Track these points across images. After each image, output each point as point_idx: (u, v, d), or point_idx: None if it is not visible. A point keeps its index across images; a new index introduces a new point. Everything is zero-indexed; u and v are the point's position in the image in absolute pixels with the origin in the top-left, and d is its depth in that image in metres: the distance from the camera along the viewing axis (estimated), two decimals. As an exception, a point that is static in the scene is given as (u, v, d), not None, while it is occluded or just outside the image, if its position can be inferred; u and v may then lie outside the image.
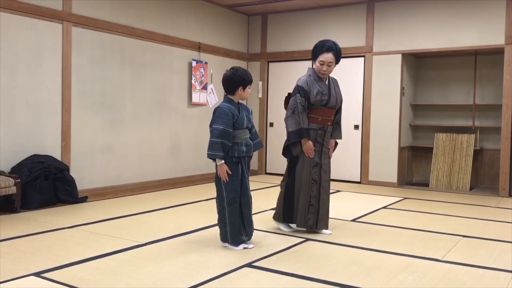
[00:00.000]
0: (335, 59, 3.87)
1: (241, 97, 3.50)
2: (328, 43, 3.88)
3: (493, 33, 6.36)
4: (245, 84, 3.46)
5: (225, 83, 3.49)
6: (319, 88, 3.88)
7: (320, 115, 3.93)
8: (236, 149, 3.41)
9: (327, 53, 3.84)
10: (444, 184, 7.08)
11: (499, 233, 4.14)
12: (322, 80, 3.95)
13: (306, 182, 3.91)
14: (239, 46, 8.15)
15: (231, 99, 3.49)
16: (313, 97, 3.86)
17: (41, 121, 5.18)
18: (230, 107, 3.43)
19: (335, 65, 3.91)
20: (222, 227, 3.51)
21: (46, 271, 2.90)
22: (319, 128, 3.94)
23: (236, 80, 3.43)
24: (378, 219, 4.65)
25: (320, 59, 3.85)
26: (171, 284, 2.72)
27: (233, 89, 3.46)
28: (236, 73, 3.45)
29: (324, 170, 3.96)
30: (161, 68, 6.61)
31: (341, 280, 2.84)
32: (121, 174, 6.10)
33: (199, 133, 7.22)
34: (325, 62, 3.84)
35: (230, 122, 3.37)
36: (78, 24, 5.48)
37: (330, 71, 3.90)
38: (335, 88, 4.02)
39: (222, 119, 3.37)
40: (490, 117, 7.10)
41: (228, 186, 3.42)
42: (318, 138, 3.94)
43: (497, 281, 2.89)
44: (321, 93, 3.87)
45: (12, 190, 4.50)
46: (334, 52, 3.86)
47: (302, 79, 3.93)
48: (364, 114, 7.28)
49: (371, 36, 7.18)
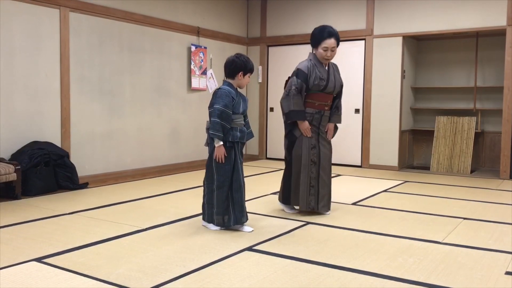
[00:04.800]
0: (336, 43, 3.94)
1: (239, 83, 3.55)
2: (328, 29, 3.95)
3: (495, 15, 6.29)
4: (246, 70, 3.52)
5: (227, 66, 3.55)
6: (319, 73, 3.92)
7: (317, 99, 3.97)
8: (231, 134, 3.45)
9: (329, 39, 3.89)
10: (445, 167, 7.08)
11: (499, 215, 4.15)
12: (323, 65, 3.99)
13: (305, 164, 3.93)
14: (239, 30, 8.08)
15: (230, 84, 3.54)
16: (312, 82, 3.90)
17: (41, 107, 5.17)
18: (230, 89, 3.49)
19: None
20: (209, 208, 3.56)
21: (47, 256, 2.91)
22: (315, 113, 3.97)
23: (239, 64, 3.49)
24: (379, 203, 4.65)
25: (324, 46, 3.90)
26: (172, 268, 2.73)
27: (234, 73, 3.51)
28: (240, 58, 3.52)
29: (323, 151, 3.99)
30: (160, 53, 6.57)
31: (342, 263, 2.85)
32: (121, 160, 6.10)
33: (199, 119, 7.20)
34: (329, 48, 3.90)
35: (231, 104, 3.43)
36: (76, 10, 5.43)
37: (333, 56, 3.95)
38: (335, 73, 4.05)
39: (223, 99, 3.41)
40: (491, 99, 7.06)
41: (219, 169, 3.47)
42: (314, 122, 3.98)
43: (497, 262, 2.89)
44: (320, 78, 3.91)
45: (13, 177, 4.50)
46: (336, 37, 3.93)
47: (303, 63, 3.98)
48: (365, 97, 7.24)
49: (372, 18, 7.12)
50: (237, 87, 3.57)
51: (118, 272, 2.66)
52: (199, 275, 2.63)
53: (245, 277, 2.59)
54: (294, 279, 2.58)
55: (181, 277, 2.59)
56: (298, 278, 2.59)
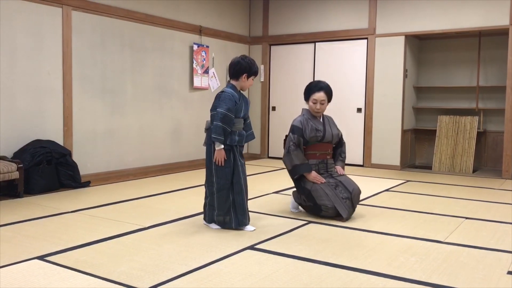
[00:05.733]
0: (327, 97, 4.02)
1: (243, 85, 3.55)
2: (319, 83, 4.06)
3: (498, 14, 6.27)
4: (250, 72, 3.52)
5: (232, 67, 3.54)
6: (314, 125, 4.00)
7: (318, 150, 4.03)
8: (229, 138, 3.46)
9: (318, 92, 3.99)
10: (447, 166, 7.07)
11: (501, 215, 4.14)
12: (317, 118, 4.08)
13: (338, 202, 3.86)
14: (241, 29, 8.08)
15: (234, 86, 3.54)
16: (308, 134, 3.97)
17: (43, 106, 5.17)
18: (234, 93, 3.49)
19: (327, 103, 4.04)
20: (210, 210, 3.57)
21: (49, 254, 2.91)
22: (319, 163, 4.03)
23: (244, 66, 3.49)
24: (381, 202, 4.65)
25: (313, 98, 4.01)
26: (174, 266, 2.73)
27: (238, 74, 3.51)
28: (245, 60, 3.52)
29: (345, 181, 3.95)
30: (162, 52, 6.57)
31: (343, 262, 2.85)
32: (123, 159, 6.10)
33: (200, 117, 7.20)
34: (318, 101, 3.98)
35: (233, 107, 3.43)
36: (78, 8, 5.44)
37: (323, 109, 4.04)
38: (330, 124, 4.13)
39: (226, 103, 3.41)
40: (493, 99, 7.05)
41: (219, 172, 3.48)
42: (321, 171, 4.02)
43: (499, 262, 2.89)
44: (316, 130, 3.99)
45: (15, 175, 4.51)
46: (325, 91, 4.01)
47: (297, 119, 4.07)
48: (367, 97, 7.23)
49: (374, 18, 7.11)
50: (240, 89, 3.57)
51: (120, 270, 2.66)
52: (200, 273, 2.63)
53: (246, 276, 2.60)
54: (295, 278, 2.58)
55: (182, 275, 2.59)
56: (300, 277, 2.59)
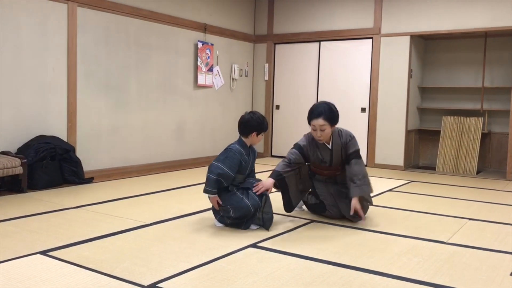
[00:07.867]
0: (328, 122, 3.63)
1: (252, 141, 3.57)
2: (318, 109, 3.66)
3: (504, 15, 6.24)
4: (260, 130, 3.54)
5: (241, 125, 3.54)
6: (320, 156, 3.78)
7: (324, 170, 3.88)
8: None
9: (317, 119, 3.62)
10: (451, 167, 7.04)
11: (505, 216, 4.12)
12: (324, 144, 3.76)
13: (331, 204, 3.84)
14: (246, 27, 8.07)
15: (244, 142, 3.55)
16: (312, 161, 3.84)
17: (47, 102, 5.18)
18: (242, 151, 3.49)
19: (331, 127, 3.67)
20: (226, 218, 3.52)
21: (52, 250, 2.92)
22: (327, 178, 3.90)
23: (253, 124, 3.50)
24: (384, 202, 4.64)
25: (312, 125, 3.67)
26: (176, 263, 2.73)
27: (248, 132, 3.52)
28: (254, 117, 3.51)
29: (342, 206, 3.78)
30: (166, 49, 6.57)
31: (346, 261, 2.84)
32: (127, 156, 6.11)
33: (204, 115, 7.20)
34: (317, 128, 3.63)
35: (236, 168, 3.43)
36: (83, 5, 5.44)
37: (325, 135, 3.67)
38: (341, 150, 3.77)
39: (230, 162, 3.41)
40: (499, 100, 7.02)
41: (229, 202, 3.43)
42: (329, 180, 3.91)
43: (502, 263, 2.88)
44: (321, 160, 3.81)
45: (19, 170, 4.52)
46: (325, 116, 3.61)
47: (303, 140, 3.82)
48: (371, 96, 7.22)
49: (379, 17, 7.09)
50: (250, 145, 3.59)
51: (122, 266, 2.67)
52: (203, 270, 2.63)
53: (248, 274, 2.59)
54: (297, 276, 2.58)
55: (185, 272, 2.59)
56: (302, 276, 2.58)
